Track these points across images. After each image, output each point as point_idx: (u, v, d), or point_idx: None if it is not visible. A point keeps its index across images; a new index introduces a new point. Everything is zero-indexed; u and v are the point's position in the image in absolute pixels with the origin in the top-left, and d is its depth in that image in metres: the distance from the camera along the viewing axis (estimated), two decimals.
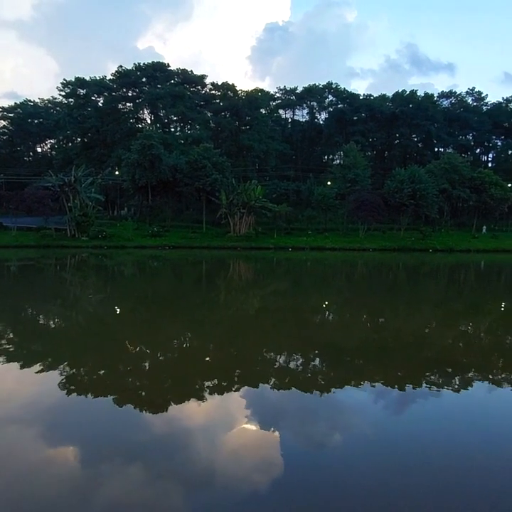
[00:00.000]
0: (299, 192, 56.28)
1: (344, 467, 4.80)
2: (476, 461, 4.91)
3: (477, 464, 4.84)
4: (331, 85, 75.53)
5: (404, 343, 10.19)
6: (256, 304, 16.11)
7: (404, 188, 49.79)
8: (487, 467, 4.76)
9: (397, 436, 5.60)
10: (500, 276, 29.16)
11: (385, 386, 7.28)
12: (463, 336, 11.36)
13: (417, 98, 72.44)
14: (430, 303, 16.85)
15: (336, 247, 46.56)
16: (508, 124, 78.90)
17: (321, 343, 10.13)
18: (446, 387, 7.23)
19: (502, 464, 4.82)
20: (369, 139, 72.42)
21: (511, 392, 7.08)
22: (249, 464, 4.90)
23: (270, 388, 7.17)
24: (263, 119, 67.12)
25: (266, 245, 45.67)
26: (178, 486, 4.40)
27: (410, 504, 4.09)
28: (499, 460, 4.90)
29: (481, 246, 51.08)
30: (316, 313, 14.34)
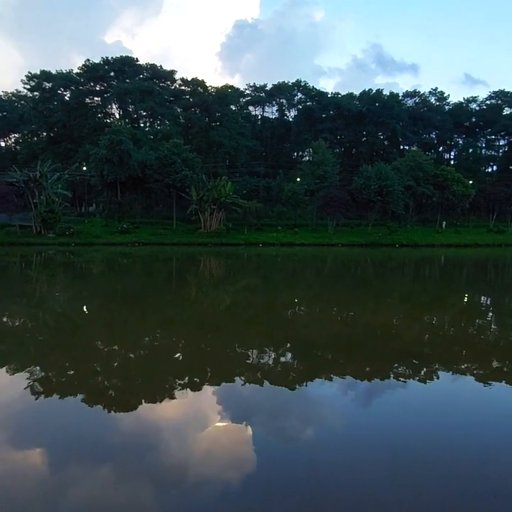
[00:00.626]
0: (269, 188, 56.81)
1: (317, 461, 4.81)
2: (446, 450, 5.02)
3: (448, 453, 4.95)
4: (300, 83, 76.39)
5: (373, 336, 10.37)
6: (227, 300, 16.21)
7: (371, 184, 51.08)
8: (458, 456, 4.88)
9: (367, 428, 5.69)
10: (463, 269, 30.42)
11: (355, 379, 7.38)
12: (428, 328, 11.66)
13: (383, 97, 74.23)
14: (397, 296, 17.39)
15: (306, 243, 47.37)
16: (468, 124, 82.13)
17: (292, 337, 10.21)
18: (413, 378, 7.41)
19: (472, 452, 4.99)
20: (337, 136, 73.76)
21: (474, 381, 7.33)
22: (222, 461, 4.89)
23: (242, 384, 7.14)
24: (233, 115, 67.22)
25: (236, 241, 45.98)
26: (149, 486, 4.33)
27: (384, 496, 4.08)
28: (469, 449, 5.06)
29: (445, 241, 53.09)
30: (287, 308, 14.48)
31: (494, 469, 4.60)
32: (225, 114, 65.24)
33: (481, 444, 5.15)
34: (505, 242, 55.67)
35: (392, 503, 3.99)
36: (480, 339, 10.42)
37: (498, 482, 4.34)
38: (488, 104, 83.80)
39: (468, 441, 5.21)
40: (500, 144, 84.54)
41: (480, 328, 11.79)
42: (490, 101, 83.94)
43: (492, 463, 4.72)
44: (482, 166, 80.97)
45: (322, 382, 7.31)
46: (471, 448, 5.06)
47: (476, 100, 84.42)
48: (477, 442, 5.21)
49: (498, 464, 4.71)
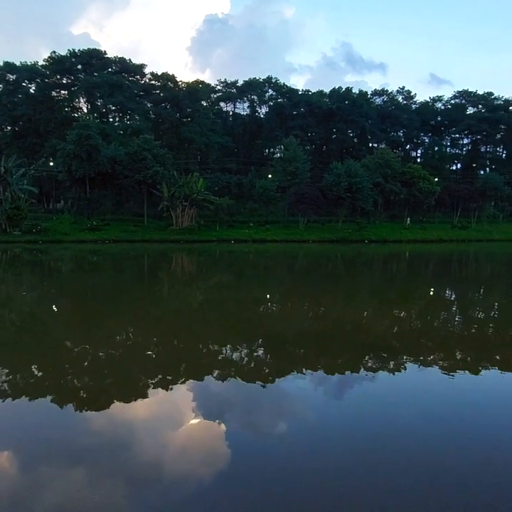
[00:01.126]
0: (241, 185, 56.93)
1: (289, 454, 4.87)
2: (414, 438, 5.24)
3: (415, 441, 5.17)
4: (271, 80, 76.65)
5: (344, 330, 10.65)
6: (199, 296, 16.26)
7: (341, 181, 51.92)
8: (424, 445, 5.08)
9: (339, 420, 5.83)
10: (429, 264, 31.44)
11: (327, 372, 7.61)
12: (396, 322, 12.06)
13: (353, 95, 75.50)
14: (367, 291, 17.89)
15: (277, 239, 47.84)
16: (434, 122, 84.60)
17: (265, 333, 10.35)
18: (382, 370, 7.68)
19: (437, 440, 5.19)
20: (308, 133, 74.54)
21: (440, 371, 7.62)
22: (195, 457, 4.89)
23: (215, 380, 7.19)
24: (204, 111, 66.82)
25: (208, 238, 45.97)
26: (122, 485, 4.30)
27: (357, 482, 4.29)
28: (435, 437, 5.27)
29: (412, 237, 54.71)
30: (259, 304, 14.63)
31: (458, 456, 4.85)
32: (196, 109, 64.80)
33: (447, 432, 5.39)
34: (468, 237, 57.91)
35: (365, 489, 4.16)
36: (445, 331, 10.92)
37: (460, 468, 4.61)
38: (453, 103, 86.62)
39: (434, 430, 5.45)
40: (464, 143, 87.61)
41: (445, 320, 12.34)
42: (454, 100, 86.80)
43: (457, 450, 4.97)
44: (447, 164, 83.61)
45: (295, 376, 7.46)
46: (437, 436, 5.28)
47: (442, 100, 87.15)
48: (443, 430, 5.45)
49: (462, 450, 4.98)
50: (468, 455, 4.86)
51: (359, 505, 3.89)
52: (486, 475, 4.42)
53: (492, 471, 4.50)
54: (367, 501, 3.94)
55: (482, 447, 5.03)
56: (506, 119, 79.86)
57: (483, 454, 4.85)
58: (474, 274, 25.27)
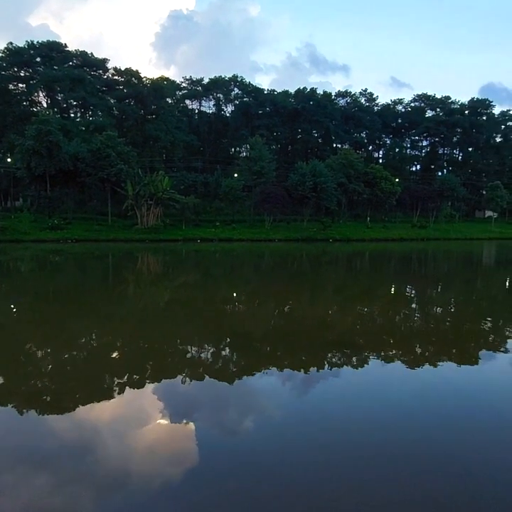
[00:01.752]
0: (207, 184, 56.81)
1: (258, 451, 4.94)
2: (376, 433, 5.30)
3: (376, 435, 5.29)
4: (237, 78, 76.80)
5: (309, 328, 10.83)
6: (166, 296, 16.19)
7: (306, 181, 52.81)
8: (386, 437, 5.26)
9: (305, 416, 5.92)
10: (390, 262, 32.49)
11: (292, 369, 7.74)
12: (360, 318, 12.40)
13: (317, 96, 76.83)
14: (332, 289, 18.31)
15: (244, 238, 48.09)
16: (395, 125, 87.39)
17: (232, 331, 10.44)
18: (346, 366, 7.94)
19: (398, 433, 5.39)
20: (273, 133, 75.29)
21: (402, 366, 7.92)
22: (163, 458, 4.88)
23: (183, 380, 7.17)
24: (169, 108, 66.18)
25: (174, 237, 45.62)
26: (88, 489, 4.24)
27: (319, 477, 4.38)
28: (396, 431, 5.46)
29: (374, 236, 56.32)
30: (226, 303, 14.72)
31: (426, 446, 5.10)
32: (161, 106, 64.09)
33: (412, 423, 5.62)
34: (427, 236, 60.28)
35: (329, 483, 4.30)
36: (405, 327, 11.41)
37: (427, 457, 4.86)
38: (413, 106, 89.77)
39: (399, 421, 5.69)
40: (423, 145, 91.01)
41: (405, 316, 12.87)
42: (414, 103, 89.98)
43: (422, 440, 5.20)
44: (407, 165, 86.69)
45: (261, 374, 7.57)
46: (398, 430, 5.49)
47: (402, 102, 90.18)
48: (408, 421, 5.69)
49: (427, 440, 5.21)
50: (435, 445, 5.08)
51: (324, 499, 4.03)
52: (449, 464, 4.65)
53: (458, 459, 4.78)
54: (332, 494, 4.12)
55: (448, 437, 5.28)
56: (462, 123, 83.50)
57: (449, 444, 5.11)
58: (433, 272, 26.37)
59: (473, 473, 4.55)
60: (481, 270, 27.68)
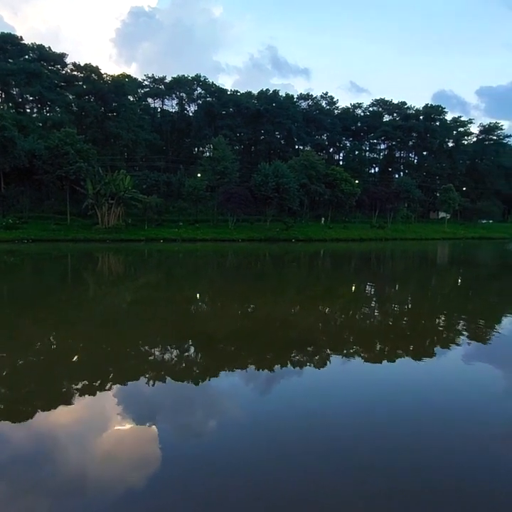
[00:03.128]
0: (170, 183, 56.30)
1: (221, 453, 4.92)
2: (333, 429, 5.51)
3: (333, 431, 5.44)
4: (200, 78, 76.50)
5: (272, 327, 11.01)
6: (128, 297, 15.94)
7: (269, 181, 53.42)
8: (340, 434, 5.42)
9: (268, 415, 5.96)
10: (351, 262, 33.38)
11: (256, 369, 7.80)
12: (322, 317, 12.72)
13: (279, 98, 77.81)
14: (294, 288, 18.65)
15: (207, 238, 48.11)
16: (354, 128, 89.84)
17: (195, 332, 10.38)
18: (309, 364, 8.10)
19: (353, 429, 5.55)
20: (237, 133, 75.53)
21: (363, 363, 8.20)
22: (125, 463, 4.77)
23: (145, 382, 7.06)
24: (131, 106, 65.05)
25: (137, 237, 45.03)
26: (47, 497, 4.10)
27: (274, 477, 4.44)
28: (353, 427, 5.63)
29: (335, 236, 57.75)
30: (190, 303, 14.66)
31: (388, 440, 5.35)
32: (122, 104, 62.89)
33: (374, 419, 5.82)
34: (385, 236, 62.51)
35: (285, 482, 4.40)
36: (365, 324, 11.80)
37: (385, 451, 5.11)
38: (371, 110, 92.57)
39: (354, 419, 5.88)
40: (381, 148, 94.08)
41: (365, 314, 13.34)
42: (372, 108, 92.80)
43: (386, 435, 5.42)
44: (366, 167, 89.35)
45: (224, 374, 7.61)
46: (355, 426, 5.65)
47: (361, 106, 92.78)
48: (370, 417, 5.89)
49: (390, 435, 5.43)
50: (398, 438, 5.33)
51: (278, 499, 4.11)
52: (412, 455, 4.97)
53: (418, 451, 5.07)
54: (287, 495, 4.18)
55: (408, 430, 5.56)
56: (417, 128, 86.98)
57: (408, 437, 5.37)
58: (391, 271, 27.47)
59: (426, 462, 4.88)
60: (436, 269, 29.12)
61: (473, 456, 4.90)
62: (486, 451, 4.98)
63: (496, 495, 4.16)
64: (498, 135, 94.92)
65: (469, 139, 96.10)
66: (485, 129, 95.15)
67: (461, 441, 5.23)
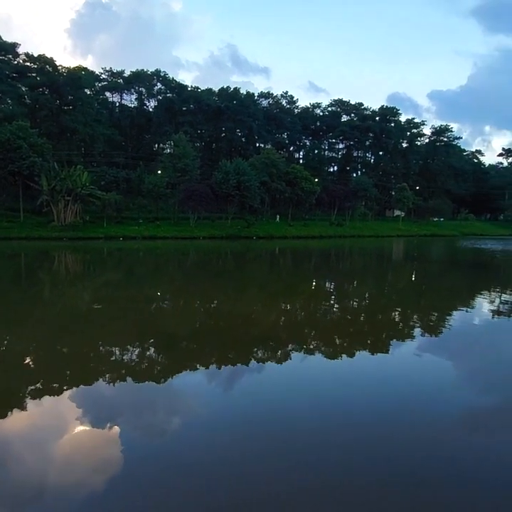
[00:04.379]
0: (130, 180, 55.37)
1: (184, 453, 4.89)
2: (309, 421, 5.60)
3: (294, 424, 5.55)
4: (160, 73, 75.47)
5: (235, 324, 11.05)
6: (86, 296, 15.54)
7: (230, 179, 53.70)
8: (301, 427, 5.56)
9: (230, 412, 6.01)
10: (311, 259, 34.08)
11: (218, 367, 7.79)
12: (282, 313, 12.90)
13: (240, 96, 78.09)
14: (256, 285, 18.84)
15: (168, 236, 47.80)
16: (314, 127, 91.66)
17: (156, 331, 10.22)
18: (271, 360, 8.20)
19: (313, 422, 5.69)
20: (197, 130, 75.15)
21: (324, 358, 8.40)
22: (85, 467, 4.63)
23: (105, 384, 6.88)
24: (88, 100, 63.24)
25: (95, 235, 44.09)
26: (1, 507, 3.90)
27: (240, 473, 4.49)
28: (312, 419, 5.77)
29: (296, 233, 58.90)
30: (151, 302, 14.46)
31: (345, 434, 5.71)
32: (79, 97, 61.02)
33: (335, 413, 6.05)
34: (344, 233, 64.42)
35: (248, 476, 4.48)
36: (325, 320, 12.09)
37: (344, 446, 5.49)
38: (330, 110, 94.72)
39: (323, 411, 6.08)
40: (340, 147, 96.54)
41: (325, 310, 13.68)
42: (331, 108, 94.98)
43: (342, 428, 5.68)
44: (325, 166, 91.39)
45: (186, 373, 7.59)
46: (314, 419, 5.83)
47: (320, 106, 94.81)
48: (330, 411, 6.12)
49: (347, 429, 5.73)
50: (354, 429, 5.57)
51: (245, 497, 4.16)
52: (370, 447, 5.22)
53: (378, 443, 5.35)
54: (254, 491, 4.27)
55: (363, 420, 5.82)
56: (373, 128, 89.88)
57: (363, 427, 5.62)
58: (350, 267, 28.38)
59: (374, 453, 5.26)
60: (392, 265, 30.42)
61: (426, 444, 5.21)
62: (440, 439, 5.32)
63: (449, 479, 4.50)
64: (449, 137, 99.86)
65: (422, 140, 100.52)
66: (436, 131, 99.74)
67: (415, 431, 5.57)
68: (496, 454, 4.99)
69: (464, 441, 5.31)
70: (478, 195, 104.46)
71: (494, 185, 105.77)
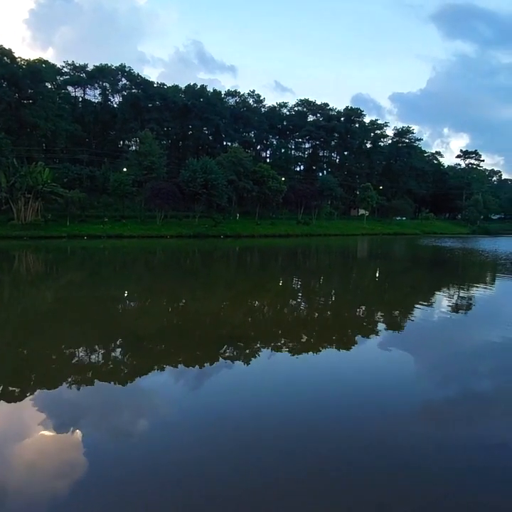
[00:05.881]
0: (94, 177, 54.03)
1: (150, 455, 4.80)
2: (259, 419, 5.68)
3: (260, 421, 5.63)
4: (124, 68, 73.94)
5: (202, 324, 11.02)
6: (49, 297, 15.23)
7: (197, 177, 53.38)
8: (266, 424, 5.57)
9: (196, 411, 5.99)
10: (278, 257, 34.47)
11: (186, 366, 7.80)
12: (250, 312, 13.01)
13: (207, 93, 77.69)
14: (224, 284, 18.91)
15: (135, 235, 47.08)
16: (281, 126, 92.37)
17: (123, 332, 10.09)
18: (238, 360, 8.23)
19: (279, 419, 5.81)
20: (164, 127, 74.17)
21: (291, 356, 8.50)
22: (48, 471, 4.54)
23: (68, 387, 6.70)
24: (49, 94, 61.15)
25: (58, 234, 42.87)
26: None
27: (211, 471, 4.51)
28: (277, 417, 5.86)
29: (263, 232, 59.31)
30: (117, 302, 14.28)
31: (315, 427, 5.90)
32: (39, 91, 58.89)
33: (302, 407, 6.19)
34: (310, 232, 65.38)
35: (215, 476, 4.50)
36: (293, 317, 12.35)
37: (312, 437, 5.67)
38: (296, 110, 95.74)
39: (291, 406, 6.19)
40: (306, 147, 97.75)
41: (291, 308, 13.93)
42: (297, 108, 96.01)
43: (311, 422, 5.93)
44: (292, 165, 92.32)
45: (153, 373, 7.49)
46: (279, 416, 5.90)
47: (287, 106, 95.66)
48: (299, 405, 6.24)
49: (315, 421, 6.00)
50: (323, 423, 5.78)
51: (213, 495, 4.20)
52: (338, 437, 5.54)
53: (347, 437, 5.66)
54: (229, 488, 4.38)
55: (331, 414, 6.03)
56: (339, 128, 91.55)
57: (331, 421, 5.82)
58: (316, 265, 28.88)
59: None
60: (357, 263, 31.22)
61: (392, 435, 5.49)
62: (404, 430, 5.61)
63: (414, 468, 4.83)
64: (410, 138, 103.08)
65: (385, 141, 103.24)
66: (398, 133, 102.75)
67: (382, 422, 5.83)
68: (448, 443, 5.33)
69: (419, 432, 5.60)
70: (437, 195, 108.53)
71: (453, 185, 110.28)
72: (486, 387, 7.33)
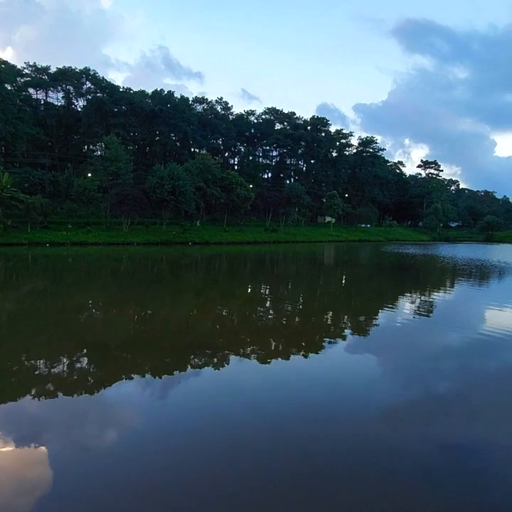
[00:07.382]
0: (57, 182, 52.60)
1: (115, 467, 4.76)
2: (232, 425, 5.78)
3: (235, 429, 5.69)
4: (89, 71, 72.51)
5: (170, 332, 10.96)
6: (9, 306, 14.59)
7: (164, 184, 52.83)
8: (245, 430, 5.73)
9: (167, 421, 5.97)
10: (246, 264, 34.57)
11: (153, 376, 7.70)
12: (218, 320, 12.94)
13: (174, 99, 77.31)
14: (192, 292, 18.77)
15: (100, 242, 46.04)
16: (248, 134, 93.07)
17: (88, 342, 9.87)
18: (207, 366, 8.27)
19: (254, 423, 5.98)
20: (130, 133, 73.25)
21: (260, 363, 8.54)
22: (10, 488, 4.39)
23: (32, 399, 6.53)
24: (8, 95, 59.07)
25: (18, 241, 41.33)
26: None
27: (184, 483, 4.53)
28: (251, 421, 6.01)
29: (231, 239, 59.32)
30: (81, 311, 13.94)
31: (283, 430, 6.01)
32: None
33: (266, 416, 6.25)
34: (278, 239, 65.96)
35: (184, 481, 4.58)
36: (261, 324, 12.41)
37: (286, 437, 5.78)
38: (264, 118, 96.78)
39: (253, 416, 6.26)
40: (274, 155, 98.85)
41: (260, 314, 14.01)
42: (265, 116, 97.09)
43: (278, 427, 6.07)
44: (260, 173, 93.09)
45: (120, 384, 7.36)
46: (254, 422, 6.04)
47: (254, 114, 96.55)
48: (266, 412, 6.35)
49: (282, 427, 6.12)
50: (290, 427, 5.90)
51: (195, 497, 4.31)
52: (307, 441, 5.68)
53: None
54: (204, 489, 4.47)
55: (296, 418, 6.16)
56: (305, 137, 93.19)
57: (296, 426, 5.97)
58: (284, 272, 29.14)
59: None
60: (323, 270, 31.70)
61: (356, 438, 5.68)
62: (367, 432, 5.77)
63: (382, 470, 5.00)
64: (374, 148, 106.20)
65: (350, 150, 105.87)
66: (363, 142, 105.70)
67: (345, 424, 6.07)
68: (406, 444, 5.54)
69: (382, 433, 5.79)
70: (400, 204, 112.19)
71: (414, 194, 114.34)
72: (446, 387, 7.64)
